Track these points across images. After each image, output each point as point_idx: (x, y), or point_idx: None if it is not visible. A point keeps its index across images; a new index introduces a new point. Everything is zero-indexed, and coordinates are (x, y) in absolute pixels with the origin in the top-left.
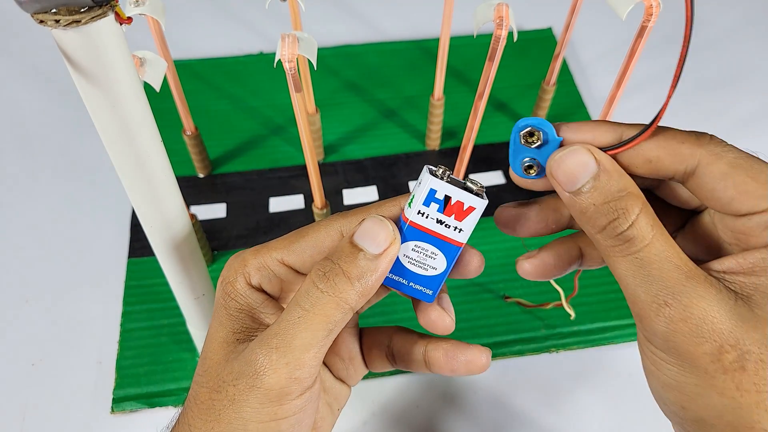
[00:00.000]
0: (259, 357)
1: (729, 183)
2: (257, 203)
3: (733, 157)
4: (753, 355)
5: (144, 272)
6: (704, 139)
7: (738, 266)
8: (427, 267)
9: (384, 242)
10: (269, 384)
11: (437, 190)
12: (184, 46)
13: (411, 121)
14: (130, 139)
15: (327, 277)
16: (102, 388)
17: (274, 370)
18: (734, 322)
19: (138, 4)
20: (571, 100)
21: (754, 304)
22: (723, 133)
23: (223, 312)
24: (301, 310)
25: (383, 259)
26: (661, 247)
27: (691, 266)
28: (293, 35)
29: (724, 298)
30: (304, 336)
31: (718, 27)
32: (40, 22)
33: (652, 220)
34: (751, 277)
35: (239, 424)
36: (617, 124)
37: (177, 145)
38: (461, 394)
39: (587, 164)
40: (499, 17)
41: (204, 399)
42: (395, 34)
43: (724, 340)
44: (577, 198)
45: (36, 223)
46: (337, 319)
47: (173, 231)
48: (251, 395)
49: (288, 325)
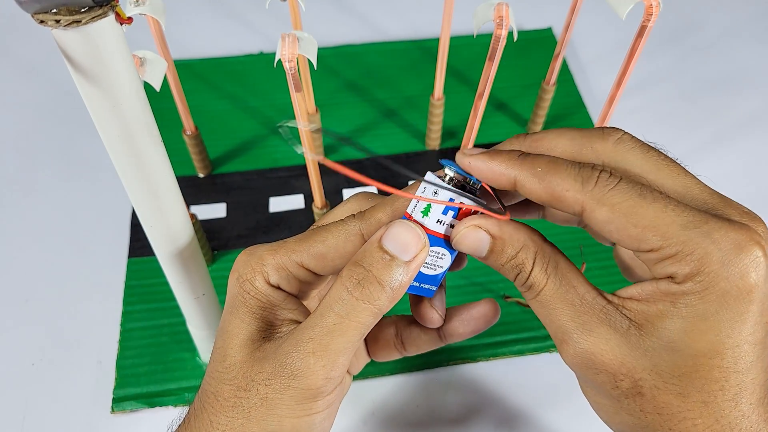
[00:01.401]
0: (295, 360)
1: (612, 228)
2: (257, 203)
3: (616, 201)
4: (646, 382)
5: (144, 272)
6: (590, 183)
7: (635, 295)
8: (435, 267)
9: (415, 249)
10: (306, 385)
11: (455, 199)
12: (185, 46)
13: (411, 121)
14: (130, 138)
15: (362, 285)
16: (102, 387)
17: (312, 372)
18: (625, 352)
19: (138, 4)
20: (571, 100)
21: (645, 332)
22: (723, 133)
23: (244, 309)
24: (336, 317)
25: (413, 265)
26: (555, 289)
27: (586, 300)
28: (293, 35)
29: (615, 330)
30: (339, 341)
31: (718, 27)
32: (41, 22)
33: (546, 265)
34: (644, 306)
35: (273, 421)
36: (512, 156)
37: (177, 145)
38: (461, 394)
39: (481, 240)
40: (499, 17)
41: (228, 396)
42: (395, 34)
43: (617, 370)
44: (487, 262)
45: (36, 223)
46: (370, 323)
47: (173, 231)
48: (286, 394)
49: (323, 331)
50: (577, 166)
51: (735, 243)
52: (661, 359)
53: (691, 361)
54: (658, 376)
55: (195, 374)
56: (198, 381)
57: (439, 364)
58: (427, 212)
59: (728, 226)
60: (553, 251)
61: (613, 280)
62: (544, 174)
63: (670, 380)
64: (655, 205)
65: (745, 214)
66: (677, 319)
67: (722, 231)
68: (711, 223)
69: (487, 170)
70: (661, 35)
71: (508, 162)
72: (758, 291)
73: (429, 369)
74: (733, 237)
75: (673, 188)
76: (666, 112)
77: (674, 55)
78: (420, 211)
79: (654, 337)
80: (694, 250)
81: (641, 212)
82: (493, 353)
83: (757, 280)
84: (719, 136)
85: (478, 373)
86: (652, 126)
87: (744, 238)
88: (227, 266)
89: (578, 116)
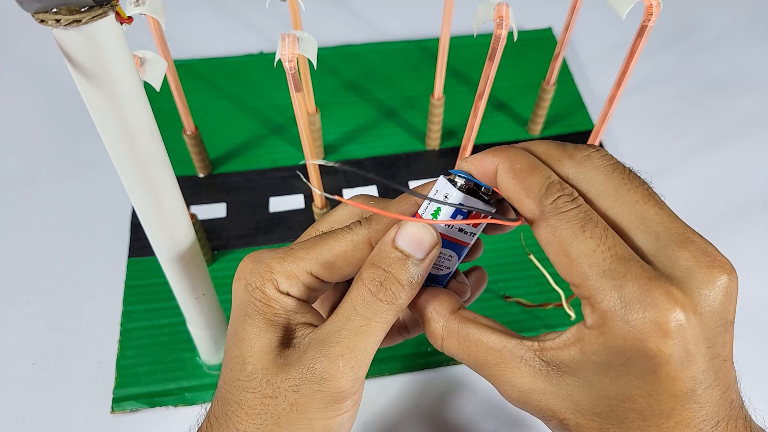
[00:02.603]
0: (324, 365)
1: (548, 249)
2: (257, 203)
3: (559, 226)
4: (570, 420)
5: (144, 272)
6: (548, 199)
7: (554, 341)
8: (442, 268)
9: (429, 247)
10: (336, 388)
11: (465, 204)
12: (185, 46)
13: (411, 121)
14: (130, 138)
15: (384, 287)
16: (102, 387)
17: (342, 375)
18: (548, 392)
19: (138, 4)
20: (571, 100)
21: (564, 373)
22: (723, 133)
23: (258, 317)
24: (362, 319)
25: (427, 261)
26: (477, 332)
27: (506, 350)
28: (293, 35)
29: (536, 373)
30: (367, 342)
31: (718, 27)
32: (41, 21)
33: (467, 319)
34: (559, 353)
35: (303, 425)
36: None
37: (177, 145)
38: (461, 394)
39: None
40: (499, 17)
41: (253, 404)
42: (395, 34)
43: (543, 411)
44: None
45: (36, 223)
46: (392, 321)
47: (173, 231)
48: (316, 398)
49: (351, 334)
50: (546, 179)
51: (646, 303)
52: (581, 397)
53: (606, 401)
54: (579, 414)
55: (195, 374)
56: (198, 380)
57: (439, 364)
58: (437, 214)
59: (648, 283)
60: (460, 320)
61: None
62: (518, 173)
63: (590, 417)
64: (588, 241)
65: (701, 255)
66: (589, 363)
67: (637, 287)
68: (630, 276)
69: (479, 163)
70: (661, 35)
71: (494, 153)
72: (663, 356)
73: (429, 369)
74: (648, 296)
75: (627, 217)
76: (666, 112)
77: (674, 55)
78: (430, 213)
79: (572, 377)
80: (602, 300)
81: (574, 244)
82: None
83: (658, 347)
84: (719, 136)
85: None
86: (651, 126)
87: (661, 299)
88: (227, 266)
89: (578, 116)
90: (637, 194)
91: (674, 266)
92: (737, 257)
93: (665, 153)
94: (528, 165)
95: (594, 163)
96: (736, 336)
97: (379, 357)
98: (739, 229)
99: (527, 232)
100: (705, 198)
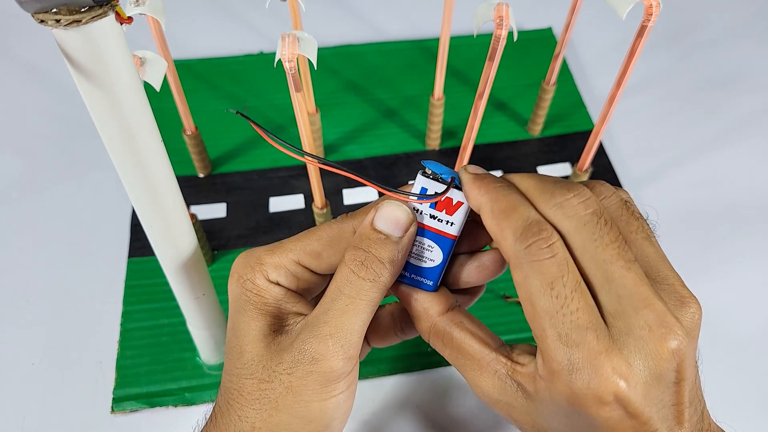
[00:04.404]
0: (314, 345)
1: (519, 292)
2: (257, 203)
3: (528, 275)
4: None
5: (144, 272)
6: (523, 243)
7: (523, 366)
8: (425, 259)
9: (405, 225)
10: (327, 368)
11: (428, 188)
12: (185, 46)
13: (411, 121)
14: (130, 138)
15: (365, 265)
16: (102, 387)
17: (333, 355)
18: (506, 402)
19: (138, 4)
20: (571, 100)
21: (527, 392)
22: (723, 133)
23: (250, 307)
24: (347, 298)
25: (406, 239)
26: (460, 337)
27: (484, 360)
28: (293, 35)
29: (503, 384)
30: (354, 321)
31: (718, 27)
32: (41, 21)
33: (454, 322)
34: (522, 378)
35: (300, 407)
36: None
37: (177, 145)
38: (461, 394)
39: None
40: (499, 17)
41: (251, 390)
42: (395, 34)
43: (506, 417)
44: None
45: (36, 223)
46: (378, 299)
47: (173, 231)
48: (310, 379)
49: (337, 314)
50: (525, 221)
51: (592, 374)
52: (540, 419)
53: (562, 429)
54: (538, 431)
55: (195, 374)
56: (198, 381)
57: (438, 364)
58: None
59: (597, 357)
60: (448, 321)
61: None
62: (497, 214)
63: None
64: (554, 301)
65: (656, 326)
66: (544, 400)
67: (586, 358)
68: (582, 347)
69: (468, 195)
70: (661, 35)
71: (480, 189)
72: (601, 419)
73: (429, 369)
74: (594, 369)
75: (593, 274)
76: (666, 112)
77: (674, 55)
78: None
79: (534, 403)
80: (553, 360)
81: (541, 300)
82: None
83: (597, 413)
84: (719, 136)
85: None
86: (651, 126)
87: (606, 373)
88: (227, 266)
89: (578, 116)
90: (606, 252)
91: (629, 333)
92: (737, 257)
93: (665, 153)
94: (508, 205)
95: (568, 212)
96: (737, 341)
97: (378, 357)
98: (739, 229)
99: None
100: (705, 198)
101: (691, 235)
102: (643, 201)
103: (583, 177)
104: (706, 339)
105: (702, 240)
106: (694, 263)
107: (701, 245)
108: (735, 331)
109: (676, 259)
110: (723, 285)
